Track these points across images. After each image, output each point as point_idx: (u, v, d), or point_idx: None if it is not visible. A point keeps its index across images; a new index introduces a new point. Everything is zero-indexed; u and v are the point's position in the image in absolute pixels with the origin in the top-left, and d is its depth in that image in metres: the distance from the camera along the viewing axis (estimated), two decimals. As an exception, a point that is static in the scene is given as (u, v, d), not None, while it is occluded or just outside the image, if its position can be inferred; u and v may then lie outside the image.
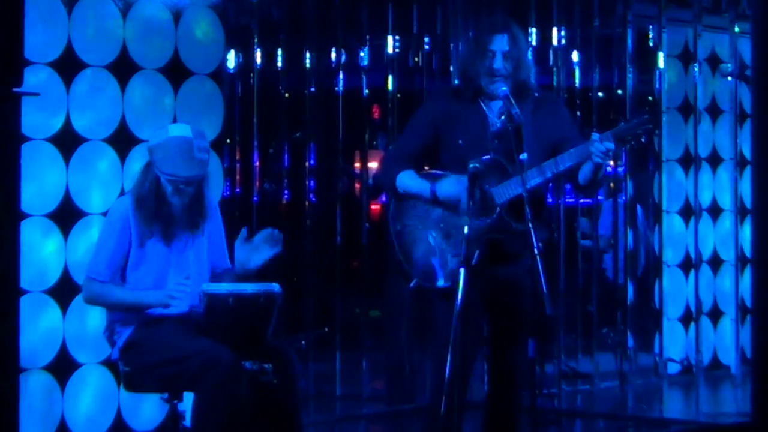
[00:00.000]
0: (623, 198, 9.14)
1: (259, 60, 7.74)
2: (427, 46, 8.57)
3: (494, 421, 5.43)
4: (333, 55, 8.29)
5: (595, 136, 5.11)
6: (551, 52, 8.61)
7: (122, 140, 6.35)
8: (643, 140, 5.24)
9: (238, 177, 7.92)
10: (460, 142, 5.27)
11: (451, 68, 8.42)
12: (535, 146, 5.19)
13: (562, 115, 5.45)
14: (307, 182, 8.76)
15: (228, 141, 7.30)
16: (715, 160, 9.44)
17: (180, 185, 5.33)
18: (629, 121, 5.24)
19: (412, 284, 5.36)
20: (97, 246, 5.44)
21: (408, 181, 5.33)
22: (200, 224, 5.46)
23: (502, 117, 5.24)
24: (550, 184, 5.64)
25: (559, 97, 5.60)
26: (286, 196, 8.29)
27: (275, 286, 5.35)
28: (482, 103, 5.30)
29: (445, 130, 5.31)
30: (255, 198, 7.95)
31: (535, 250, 4.84)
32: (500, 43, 5.22)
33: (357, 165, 10.68)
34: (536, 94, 5.35)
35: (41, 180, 6.08)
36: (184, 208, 5.40)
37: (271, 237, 5.49)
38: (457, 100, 5.33)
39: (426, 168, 5.40)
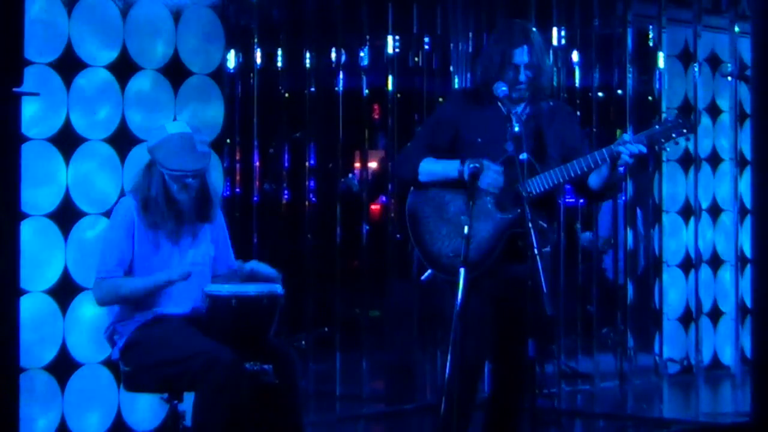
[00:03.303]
0: (623, 198, 9.15)
1: (259, 60, 7.73)
2: (427, 46, 8.57)
3: (497, 420, 5.43)
4: (333, 55, 8.29)
5: (626, 137, 5.15)
6: (551, 52, 8.61)
7: (122, 140, 6.35)
8: (676, 144, 5.20)
9: (238, 177, 7.91)
10: (479, 140, 5.31)
11: (451, 68, 8.42)
12: (553, 150, 5.24)
13: (576, 126, 5.55)
14: (307, 182, 8.76)
15: (228, 141, 7.29)
16: (715, 160, 9.44)
17: (187, 180, 5.34)
18: (663, 123, 5.23)
19: (425, 275, 5.35)
20: (104, 247, 5.43)
21: (431, 165, 5.35)
22: (208, 216, 5.46)
23: (521, 120, 5.28)
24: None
25: (571, 107, 5.69)
26: (286, 196, 8.28)
27: (278, 288, 5.36)
28: (502, 106, 5.33)
29: (465, 128, 5.35)
30: (255, 198, 7.95)
31: (535, 250, 4.85)
32: (521, 56, 5.30)
33: (357, 165, 10.68)
34: (551, 102, 5.37)
35: (41, 180, 6.08)
36: (191, 203, 5.41)
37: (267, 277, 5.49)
38: (477, 101, 5.37)
39: None
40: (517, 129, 5.19)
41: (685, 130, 5.21)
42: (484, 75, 5.38)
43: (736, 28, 9.31)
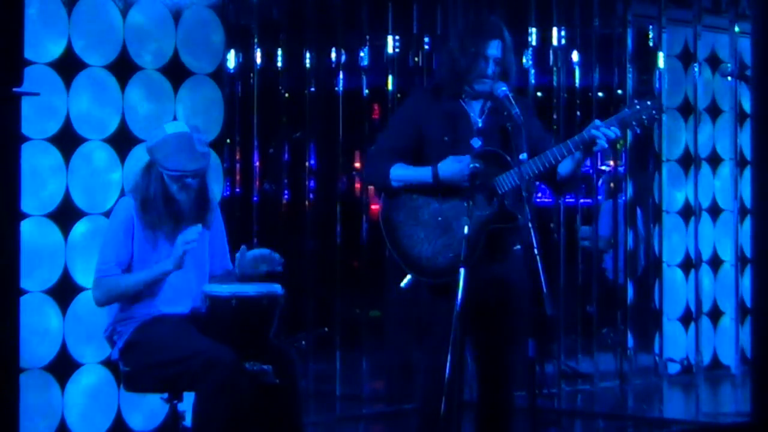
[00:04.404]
0: (623, 198, 9.15)
1: (259, 60, 7.73)
2: (427, 46, 8.57)
3: (487, 421, 5.42)
4: (333, 55, 8.29)
5: (597, 122, 5.17)
6: (551, 52, 8.61)
7: (122, 140, 6.35)
8: (646, 125, 5.27)
9: (238, 177, 7.92)
10: (445, 138, 5.30)
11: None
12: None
13: (535, 117, 5.55)
14: (307, 182, 8.76)
15: (228, 141, 7.29)
16: (715, 160, 9.44)
17: (186, 179, 5.34)
18: (632, 106, 5.26)
19: (405, 282, 5.33)
20: (103, 247, 5.43)
21: (403, 171, 5.31)
22: (207, 217, 5.46)
23: (483, 116, 5.32)
24: (538, 185, 5.64)
25: (528, 99, 5.74)
26: (286, 196, 8.28)
27: (278, 288, 5.34)
28: (463, 102, 5.34)
29: (429, 127, 5.33)
30: (255, 198, 7.95)
31: (535, 250, 4.84)
32: (494, 50, 5.28)
33: (357, 165, 10.69)
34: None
35: (41, 180, 6.08)
36: (191, 203, 5.41)
37: (270, 259, 5.48)
38: (438, 98, 5.36)
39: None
40: (477, 127, 5.27)
41: (653, 112, 5.26)
42: (452, 66, 5.36)
43: (736, 28, 9.31)
